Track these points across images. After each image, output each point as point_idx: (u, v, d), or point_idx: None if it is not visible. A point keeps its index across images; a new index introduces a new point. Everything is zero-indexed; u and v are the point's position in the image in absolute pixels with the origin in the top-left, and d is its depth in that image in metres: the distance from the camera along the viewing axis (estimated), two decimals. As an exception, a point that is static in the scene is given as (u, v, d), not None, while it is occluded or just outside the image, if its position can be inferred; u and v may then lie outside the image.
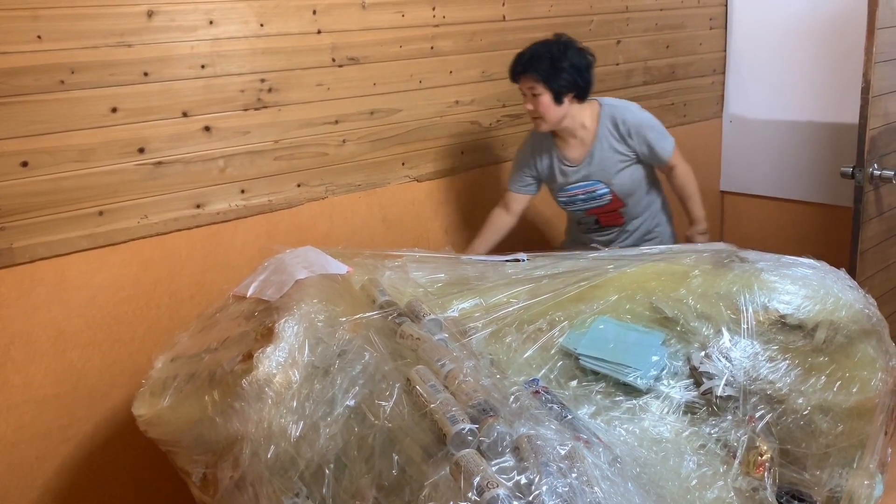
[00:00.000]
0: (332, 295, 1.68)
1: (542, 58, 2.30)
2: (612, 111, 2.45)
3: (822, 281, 1.84)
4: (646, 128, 2.44)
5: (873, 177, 2.67)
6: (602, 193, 2.49)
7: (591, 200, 2.51)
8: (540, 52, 2.31)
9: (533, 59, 2.31)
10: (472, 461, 1.23)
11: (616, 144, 2.44)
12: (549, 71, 2.30)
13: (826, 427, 1.69)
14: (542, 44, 2.34)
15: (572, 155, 2.48)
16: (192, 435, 1.57)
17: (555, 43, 2.34)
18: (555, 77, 2.30)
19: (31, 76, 1.89)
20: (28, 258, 1.96)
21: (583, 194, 2.51)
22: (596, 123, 2.44)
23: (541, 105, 2.34)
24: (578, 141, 2.46)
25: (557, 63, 2.30)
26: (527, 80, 2.33)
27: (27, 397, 2.00)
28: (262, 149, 2.30)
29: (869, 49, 2.53)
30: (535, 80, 2.31)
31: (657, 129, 2.47)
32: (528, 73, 2.32)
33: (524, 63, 2.33)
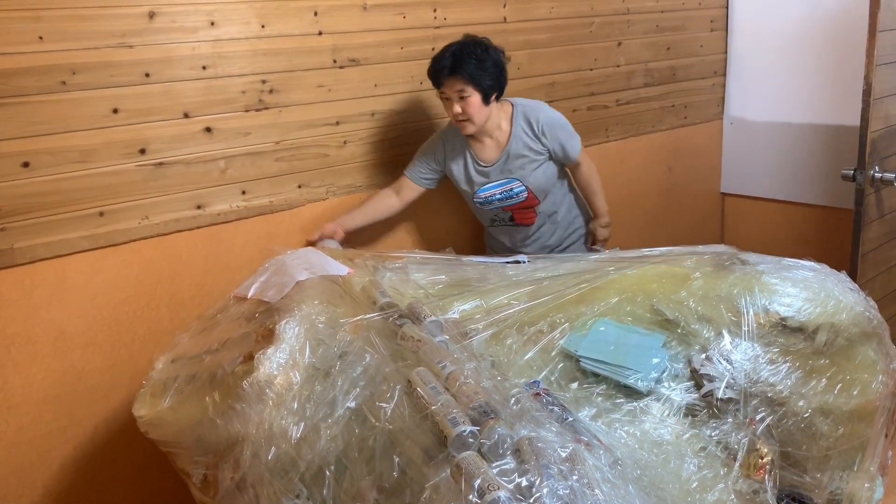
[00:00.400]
0: (332, 296, 1.68)
1: (468, 58, 2.26)
2: (524, 110, 2.46)
3: (822, 283, 1.84)
4: (558, 127, 2.48)
5: (874, 179, 2.67)
6: (518, 191, 2.50)
7: (507, 199, 2.52)
8: (463, 53, 2.27)
9: (459, 60, 2.26)
10: (472, 463, 1.22)
11: (530, 143, 2.46)
12: (476, 71, 2.27)
13: (826, 430, 1.69)
14: (461, 45, 2.30)
15: (487, 156, 2.48)
16: (193, 436, 1.57)
17: (472, 43, 2.30)
18: (483, 76, 2.28)
19: (33, 77, 1.89)
20: (29, 259, 1.96)
21: (500, 193, 2.51)
22: (510, 123, 2.45)
23: (471, 107, 2.30)
24: (494, 142, 2.47)
25: (483, 63, 2.27)
26: (454, 82, 2.28)
27: (27, 398, 2.00)
28: (262, 150, 2.30)
29: (870, 51, 2.53)
30: (464, 82, 2.27)
31: (567, 129, 2.51)
32: (456, 74, 2.26)
33: (451, 65, 2.27)
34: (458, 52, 2.28)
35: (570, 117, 3.02)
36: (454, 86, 2.29)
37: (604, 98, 3.17)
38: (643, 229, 3.49)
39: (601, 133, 3.20)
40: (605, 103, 3.18)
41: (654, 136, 3.42)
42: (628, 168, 3.34)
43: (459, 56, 2.27)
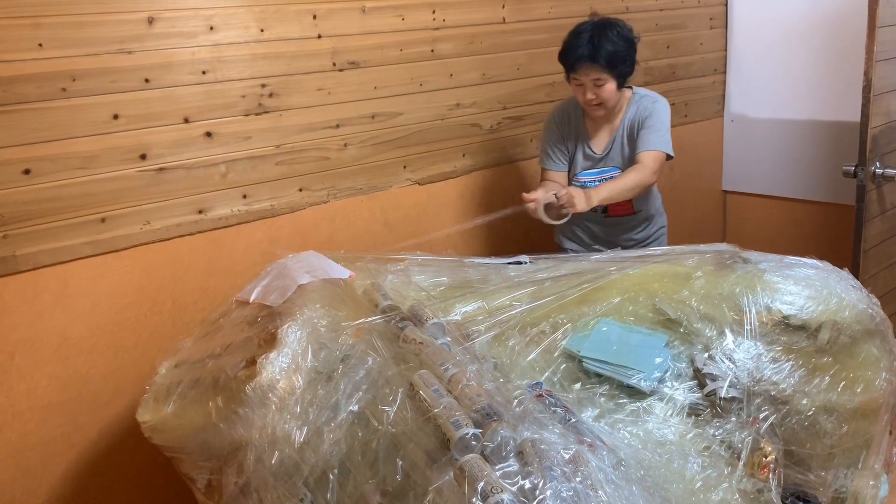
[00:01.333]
0: (334, 300, 1.68)
1: (606, 44, 2.21)
2: (641, 99, 2.40)
3: (825, 281, 1.83)
4: (654, 122, 2.35)
5: (875, 175, 2.67)
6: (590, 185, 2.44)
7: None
8: (602, 39, 2.22)
9: (598, 48, 2.21)
10: (476, 466, 1.23)
11: (634, 131, 2.40)
12: (615, 58, 2.22)
13: (830, 428, 1.68)
14: (597, 28, 2.24)
15: (599, 140, 2.44)
16: (197, 441, 1.57)
17: (607, 25, 2.24)
18: (620, 62, 2.24)
19: (33, 84, 1.89)
20: (31, 266, 1.96)
21: (599, 181, 2.44)
22: (625, 108, 2.41)
23: (605, 93, 2.26)
24: (609, 127, 2.42)
25: (620, 49, 2.23)
26: (591, 70, 2.24)
27: (32, 404, 2.01)
28: (263, 154, 2.30)
29: (870, 47, 2.52)
30: (601, 70, 2.23)
31: (658, 125, 2.34)
32: (595, 62, 2.22)
33: (590, 53, 2.22)
34: (596, 39, 2.22)
35: (570, 117, 3.04)
36: (590, 73, 2.25)
37: (604, 97, 3.17)
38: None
39: (602, 132, 3.19)
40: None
41: (654, 134, 3.42)
42: (629, 167, 3.34)
43: (598, 43, 2.22)
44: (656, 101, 2.41)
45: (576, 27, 2.31)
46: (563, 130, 2.50)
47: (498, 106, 2.82)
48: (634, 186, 2.30)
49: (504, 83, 2.82)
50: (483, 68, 2.75)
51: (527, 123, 2.91)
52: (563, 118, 2.50)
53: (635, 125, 2.40)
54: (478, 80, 2.75)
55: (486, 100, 2.79)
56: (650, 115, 2.37)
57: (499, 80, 2.80)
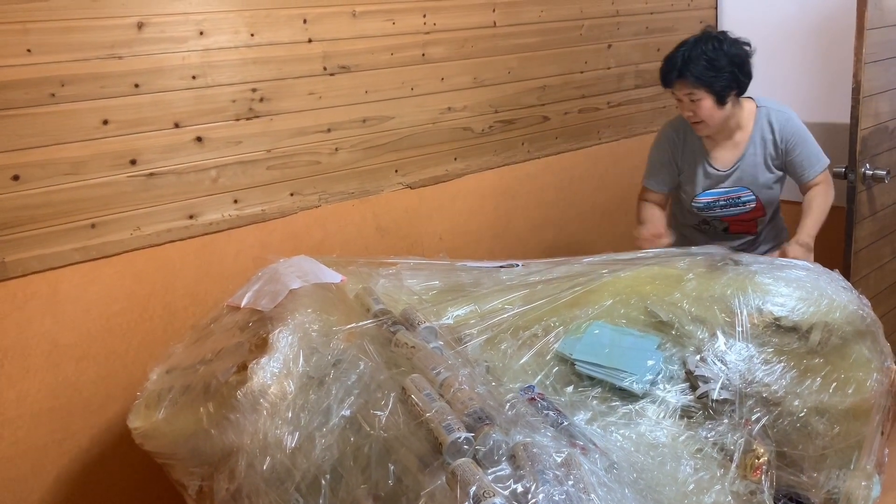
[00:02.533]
0: (326, 304, 1.68)
1: (698, 59, 2.15)
2: (770, 113, 2.31)
3: (815, 283, 1.84)
4: (801, 140, 2.29)
5: (865, 176, 2.68)
6: (747, 200, 2.36)
7: (730, 207, 2.38)
8: (694, 53, 2.16)
9: (688, 62, 2.15)
10: (468, 470, 1.22)
11: (770, 150, 2.31)
12: (707, 72, 2.15)
13: (822, 429, 1.69)
14: (695, 42, 2.19)
15: (722, 157, 2.34)
16: (188, 447, 1.57)
17: (707, 38, 2.19)
18: (715, 78, 2.16)
19: (22, 89, 1.88)
20: (21, 272, 1.95)
21: (724, 200, 2.36)
22: (751, 124, 2.31)
23: (702, 110, 2.19)
24: (732, 143, 2.32)
25: (715, 62, 2.15)
26: (683, 85, 2.18)
27: (22, 411, 2.00)
28: (254, 158, 2.30)
29: (859, 50, 2.54)
30: (693, 85, 2.17)
31: (811, 145, 2.31)
32: (684, 77, 2.17)
33: (679, 67, 2.17)
34: (689, 52, 2.17)
35: (561, 120, 3.05)
36: (682, 88, 2.20)
37: (595, 100, 3.18)
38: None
39: (593, 135, 3.20)
40: (596, 105, 3.19)
41: (646, 137, 3.42)
42: (621, 170, 3.35)
43: (689, 56, 2.16)
44: (789, 120, 2.31)
45: (680, 43, 2.23)
46: (675, 148, 2.39)
47: (489, 109, 2.83)
48: (827, 209, 2.31)
49: (495, 87, 2.82)
50: (474, 72, 2.76)
51: (518, 127, 2.91)
52: (678, 134, 2.39)
53: (776, 150, 2.31)
54: (469, 84, 2.75)
55: (478, 103, 2.79)
56: (794, 138, 2.29)
57: (490, 84, 2.80)
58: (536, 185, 3.01)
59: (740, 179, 2.35)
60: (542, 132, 3.01)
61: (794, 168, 2.32)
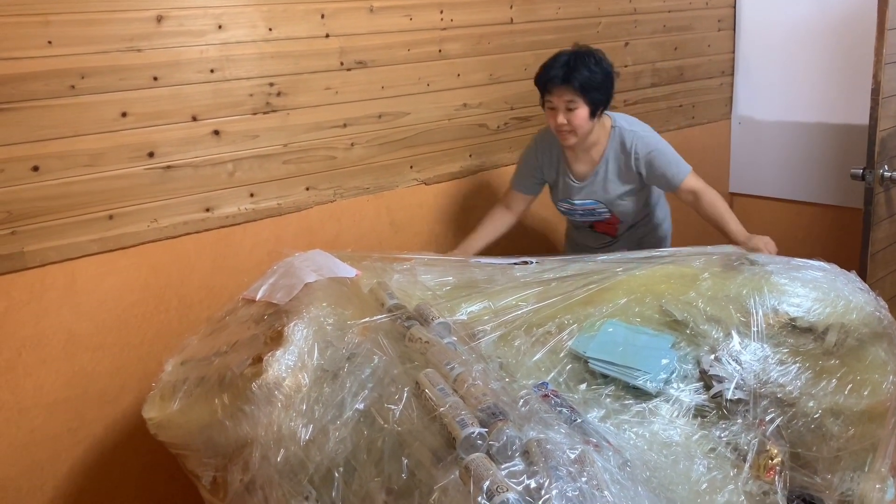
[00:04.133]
0: (340, 298, 1.68)
1: (581, 68, 2.20)
2: (623, 133, 2.37)
3: (832, 283, 1.83)
4: (655, 154, 2.33)
5: (884, 178, 2.66)
6: (601, 212, 2.46)
7: (589, 216, 2.49)
8: (577, 63, 2.21)
9: (573, 70, 2.20)
10: (481, 465, 1.22)
11: (622, 168, 2.38)
12: (589, 83, 2.21)
13: (837, 430, 1.68)
14: (575, 54, 2.24)
15: (579, 170, 2.42)
16: (202, 438, 1.57)
17: (586, 53, 2.24)
18: (595, 89, 2.22)
19: (42, 81, 1.90)
20: (39, 262, 1.97)
21: (581, 210, 2.47)
22: (606, 141, 2.38)
23: (577, 119, 2.24)
24: (588, 157, 2.40)
25: (596, 76, 2.21)
26: (564, 91, 2.22)
27: (38, 401, 2.01)
28: (270, 152, 2.30)
29: (879, 50, 2.52)
30: (574, 93, 2.21)
31: (667, 155, 2.35)
32: (568, 83, 2.20)
33: (563, 74, 2.21)
34: (571, 62, 2.22)
35: (577, 118, 3.03)
36: (563, 95, 2.23)
37: (611, 98, 3.16)
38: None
39: (608, 133, 3.19)
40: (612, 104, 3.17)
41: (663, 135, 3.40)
42: (636, 168, 3.34)
43: (573, 66, 2.21)
44: (642, 138, 2.35)
45: (556, 53, 2.29)
46: (541, 158, 2.47)
47: (505, 106, 2.82)
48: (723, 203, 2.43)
49: (511, 83, 2.82)
50: (490, 69, 2.75)
51: (534, 124, 2.91)
52: (543, 144, 2.47)
53: (630, 167, 2.36)
54: (485, 81, 2.75)
55: (494, 100, 2.79)
56: (649, 154, 2.33)
57: (506, 81, 2.80)
58: (551, 182, 3.01)
59: (593, 192, 2.43)
60: (558, 130, 3.00)
61: (660, 180, 2.38)
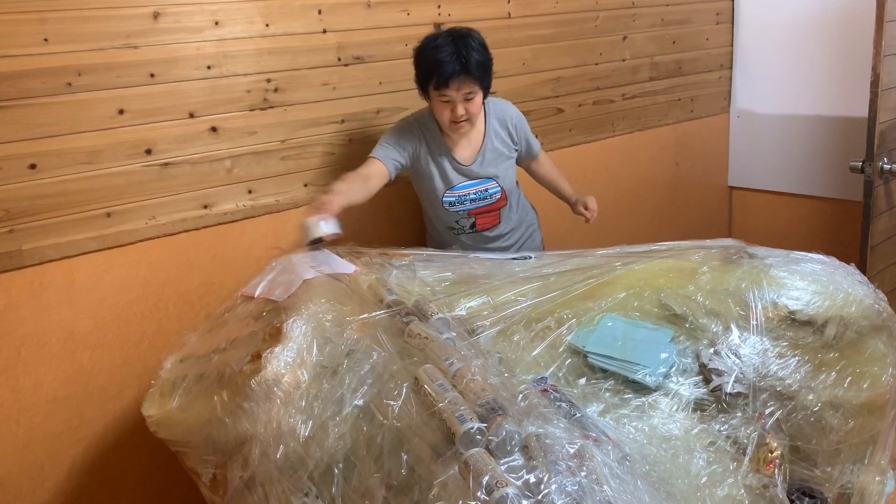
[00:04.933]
0: (339, 295, 1.68)
1: (473, 55, 2.11)
2: (494, 107, 2.38)
3: (831, 276, 1.83)
4: (525, 123, 2.44)
5: (883, 171, 2.66)
6: (493, 191, 2.39)
7: (479, 200, 2.38)
8: (469, 51, 2.10)
9: (469, 60, 2.10)
10: (480, 460, 1.22)
11: (505, 139, 2.40)
12: (484, 70, 2.15)
13: (837, 423, 1.67)
14: (460, 40, 2.12)
15: (463, 154, 2.35)
16: (202, 435, 1.57)
17: (466, 35, 2.14)
18: (488, 75, 2.18)
19: (38, 79, 1.90)
20: (37, 260, 1.96)
21: (474, 193, 2.38)
22: (483, 121, 2.35)
23: (474, 107, 2.18)
24: (467, 140, 2.34)
25: (487, 61, 2.17)
26: (463, 84, 2.12)
27: (38, 399, 2.02)
28: (268, 149, 2.30)
29: (878, 42, 2.51)
30: (473, 82, 2.13)
31: (528, 126, 2.49)
32: (469, 74, 2.11)
33: (461, 66, 2.09)
34: (463, 50, 2.10)
35: (575, 112, 3.04)
36: (463, 87, 2.14)
37: (609, 92, 3.16)
38: (650, 224, 3.48)
39: (607, 128, 3.19)
40: (610, 98, 3.17)
41: (660, 130, 3.41)
42: (635, 163, 3.33)
43: (466, 54, 2.10)
44: (512, 107, 2.44)
45: (427, 42, 2.16)
46: (418, 140, 2.31)
47: (503, 101, 2.81)
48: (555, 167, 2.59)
49: (510, 78, 2.82)
50: (488, 63, 2.74)
51: (532, 119, 2.90)
52: (421, 126, 2.32)
53: (510, 136, 2.41)
54: (483, 76, 2.74)
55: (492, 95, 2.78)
56: (520, 123, 2.43)
57: (504, 76, 2.79)
58: (550, 177, 3.00)
59: (486, 170, 2.38)
60: (557, 124, 3.00)
61: (527, 147, 2.47)
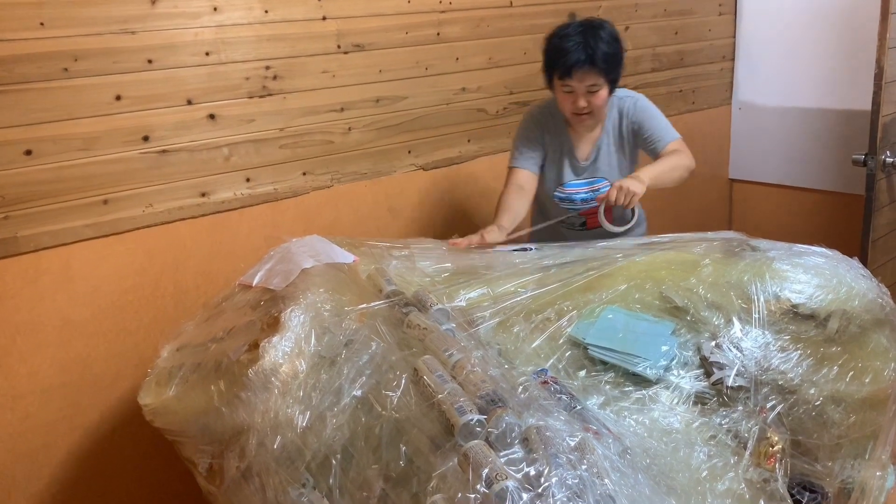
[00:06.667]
0: (338, 284, 1.66)
1: (602, 47, 2.07)
2: (618, 101, 2.28)
3: (834, 270, 1.81)
4: (647, 118, 2.26)
5: (886, 164, 2.64)
6: (605, 191, 2.28)
7: (591, 200, 2.34)
8: (597, 42, 2.07)
9: (595, 50, 2.06)
10: (480, 452, 1.21)
11: (623, 137, 2.31)
12: (612, 62, 2.09)
13: (838, 418, 1.67)
14: (590, 30, 2.08)
15: (583, 150, 2.33)
16: (199, 425, 1.56)
17: (598, 27, 2.10)
18: (615, 68, 2.11)
19: (35, 64, 1.87)
20: (33, 247, 1.95)
21: (585, 192, 2.34)
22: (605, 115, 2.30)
23: (598, 100, 2.12)
24: (591, 134, 2.30)
25: (616, 53, 2.10)
26: (588, 75, 2.08)
27: (33, 387, 2.00)
28: (267, 137, 2.28)
29: (882, 34, 2.49)
30: (598, 74, 2.08)
31: (659, 121, 2.27)
32: (594, 66, 2.06)
33: (588, 56, 2.06)
34: (591, 41, 2.07)
35: (577, 103, 3.01)
36: (586, 79, 2.09)
37: (611, 83, 3.14)
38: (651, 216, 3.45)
39: (608, 119, 3.17)
40: (612, 88, 3.15)
41: (661, 121, 3.39)
42: (636, 154, 3.32)
43: (594, 45, 2.06)
44: (638, 101, 2.29)
45: (557, 30, 2.14)
46: (543, 132, 2.32)
47: (504, 91, 2.80)
48: (679, 167, 2.18)
49: (511, 67, 2.79)
50: (489, 52, 2.72)
51: (533, 109, 2.88)
52: (544, 120, 2.32)
53: (626, 133, 2.29)
54: (484, 65, 2.72)
55: (493, 84, 2.76)
56: (643, 117, 2.26)
57: (505, 65, 2.77)
58: (550, 168, 2.99)
59: (599, 170, 2.32)
60: (557, 115, 2.98)
61: (647, 144, 2.26)
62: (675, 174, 2.19)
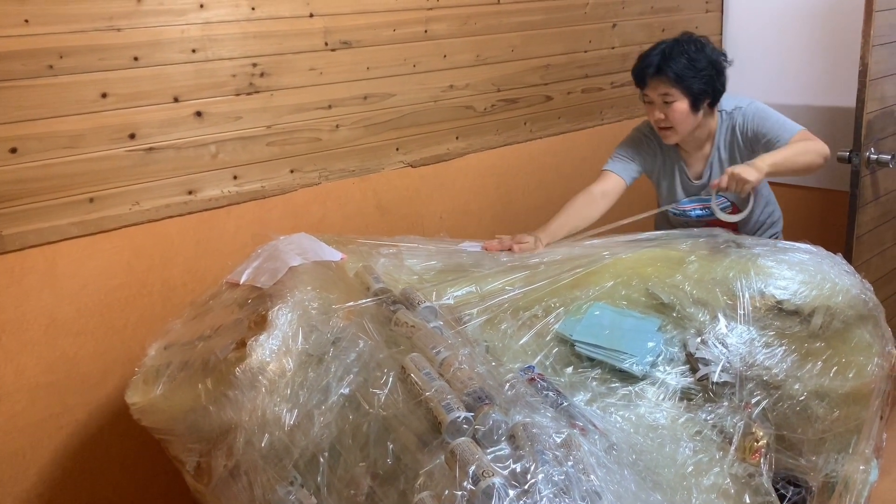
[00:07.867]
0: (326, 282, 1.67)
1: (679, 56, 2.04)
2: (726, 116, 2.20)
3: (818, 266, 1.83)
4: (763, 119, 2.15)
5: (870, 161, 2.66)
6: (723, 207, 2.23)
7: (707, 217, 2.27)
8: (675, 51, 2.05)
9: (668, 59, 2.04)
10: (467, 449, 1.22)
11: (738, 149, 2.21)
12: (686, 71, 2.04)
13: (822, 413, 1.69)
14: (675, 41, 2.08)
15: (695, 168, 2.25)
16: (186, 423, 1.56)
17: (688, 40, 2.09)
18: (693, 79, 2.05)
19: (19, 61, 1.86)
20: (18, 246, 1.93)
21: (700, 209, 2.27)
22: (715, 132, 2.22)
23: (675, 113, 2.08)
24: (702, 154, 2.23)
25: (696, 62, 2.05)
26: (659, 83, 2.06)
27: (19, 386, 1.99)
28: (254, 134, 2.27)
29: (866, 32, 2.51)
30: (669, 84, 2.05)
31: (776, 119, 2.15)
32: (662, 73, 2.04)
33: (658, 64, 2.05)
34: (668, 50, 2.06)
35: (564, 100, 3.03)
36: (658, 87, 2.08)
37: (598, 80, 3.15)
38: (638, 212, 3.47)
39: (596, 116, 3.18)
40: (599, 86, 3.16)
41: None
42: (623, 151, 3.33)
43: (669, 54, 2.05)
44: (747, 110, 2.19)
45: (658, 42, 2.14)
46: (652, 148, 2.28)
47: (492, 88, 2.80)
48: (808, 151, 2.04)
49: (498, 65, 2.80)
50: (477, 49, 2.72)
51: (521, 106, 2.89)
52: (654, 137, 2.28)
53: (742, 147, 2.20)
54: (472, 62, 2.72)
55: (480, 81, 2.76)
56: (757, 123, 2.16)
57: (493, 62, 2.77)
58: (538, 165, 3.00)
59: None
60: (545, 112, 2.99)
61: (770, 148, 2.12)
62: (805, 158, 2.04)
